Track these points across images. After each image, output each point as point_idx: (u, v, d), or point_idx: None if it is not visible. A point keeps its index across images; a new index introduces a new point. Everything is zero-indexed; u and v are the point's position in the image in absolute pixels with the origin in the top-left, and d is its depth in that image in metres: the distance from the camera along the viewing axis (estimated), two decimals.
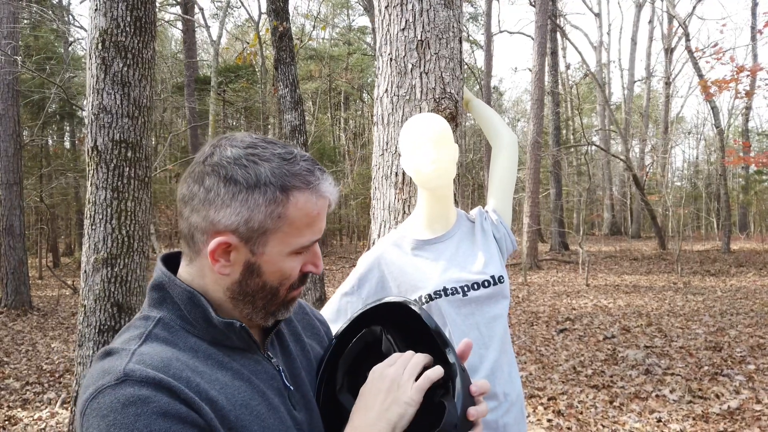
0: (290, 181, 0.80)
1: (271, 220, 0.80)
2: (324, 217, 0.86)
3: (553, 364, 6.09)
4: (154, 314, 0.84)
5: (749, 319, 7.97)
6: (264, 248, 0.82)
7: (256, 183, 0.79)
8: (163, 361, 0.75)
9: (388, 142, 1.96)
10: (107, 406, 0.69)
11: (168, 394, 0.71)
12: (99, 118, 3.01)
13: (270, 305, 0.86)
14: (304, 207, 0.81)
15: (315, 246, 0.88)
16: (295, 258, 0.85)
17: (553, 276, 13.97)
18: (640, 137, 29.00)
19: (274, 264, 0.83)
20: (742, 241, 22.71)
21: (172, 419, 0.69)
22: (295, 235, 0.82)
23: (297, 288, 0.88)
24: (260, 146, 0.82)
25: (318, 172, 0.84)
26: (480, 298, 1.65)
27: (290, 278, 0.85)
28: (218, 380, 0.79)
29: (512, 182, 1.86)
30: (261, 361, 0.88)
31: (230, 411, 0.77)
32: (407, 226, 1.78)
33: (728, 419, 4.35)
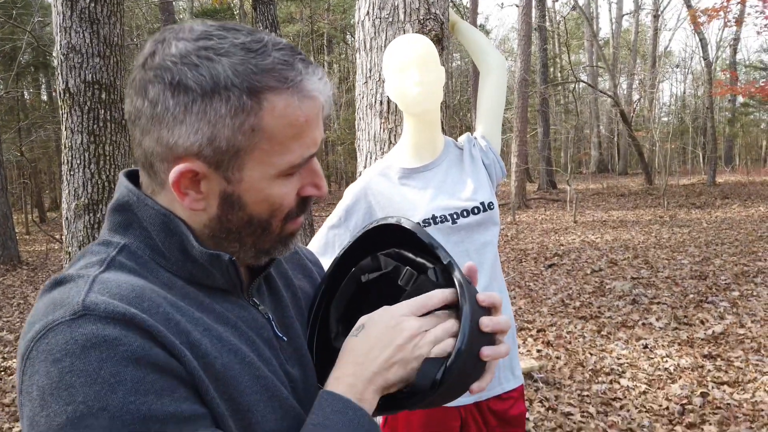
0: (261, 79, 0.60)
1: (243, 135, 0.61)
2: (317, 124, 0.65)
3: (542, 298, 6.20)
4: (116, 240, 0.66)
5: (734, 248, 8.11)
6: (241, 173, 0.63)
7: (213, 87, 0.59)
8: (134, 290, 0.59)
9: (371, 69, 1.88)
10: (61, 348, 0.53)
11: (141, 335, 0.55)
12: (69, 58, 2.88)
13: (261, 242, 0.69)
14: (285, 113, 0.61)
15: (312, 162, 0.68)
16: (286, 181, 0.66)
17: (541, 214, 14.08)
18: (628, 72, 28.69)
19: (258, 191, 0.64)
20: (727, 174, 22.91)
21: (147, 367, 0.54)
22: (280, 152, 0.63)
23: (296, 218, 0.70)
24: (216, 35, 0.61)
25: (300, 63, 0.63)
26: (470, 225, 1.62)
27: (283, 207, 0.67)
28: (201, 321, 0.63)
29: (501, 107, 1.80)
30: (247, 306, 0.71)
31: (216, 358, 0.62)
32: (394, 155, 1.73)
33: (713, 343, 4.48)
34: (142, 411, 0.53)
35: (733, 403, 3.43)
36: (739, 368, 3.96)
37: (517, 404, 1.68)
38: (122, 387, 0.52)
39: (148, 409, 0.53)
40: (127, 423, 0.52)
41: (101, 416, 0.51)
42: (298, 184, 0.68)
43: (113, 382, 0.52)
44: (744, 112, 26.95)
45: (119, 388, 0.52)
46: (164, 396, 0.55)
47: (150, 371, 0.54)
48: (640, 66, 29.71)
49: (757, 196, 14.27)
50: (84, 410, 0.51)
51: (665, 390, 3.71)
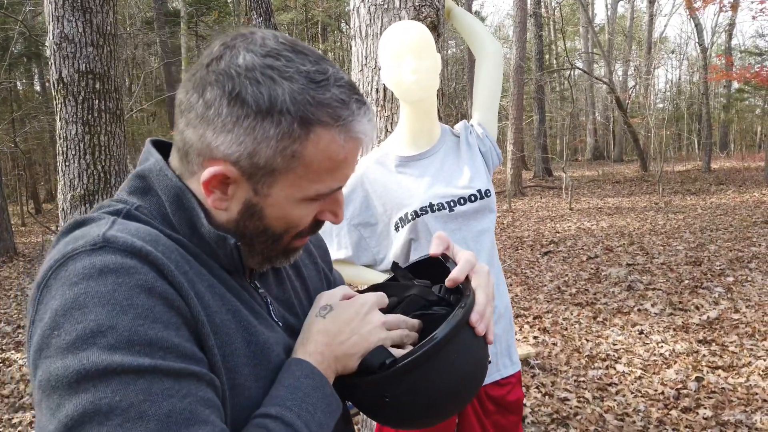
0: (315, 112, 0.62)
1: (282, 158, 0.63)
2: (353, 163, 0.68)
3: (538, 285, 6.23)
4: (132, 200, 0.68)
5: (728, 234, 8.15)
6: (270, 189, 0.65)
7: (269, 108, 0.61)
8: (150, 234, 0.61)
9: (367, 57, 1.88)
10: (78, 273, 0.55)
11: (155, 270, 0.58)
12: (62, 47, 2.85)
13: (269, 251, 0.72)
14: (327, 148, 0.64)
15: (337, 193, 0.71)
16: (309, 204, 0.68)
17: (537, 202, 14.10)
18: (623, 59, 28.63)
19: (281, 209, 0.67)
20: (722, 159, 22.96)
21: (158, 298, 0.57)
22: (312, 180, 0.66)
23: (305, 237, 0.73)
24: (285, 56, 0.62)
25: (355, 104, 0.65)
26: (467, 212, 1.62)
27: (298, 227, 0.70)
28: (206, 277, 0.66)
29: (497, 94, 1.80)
30: (247, 287, 0.73)
31: (216, 312, 0.64)
32: (390, 143, 1.73)
33: (707, 329, 4.51)
34: (149, 335, 0.54)
35: (728, 387, 3.47)
36: (733, 353, 3.99)
37: (515, 390, 1.70)
38: (133, 310, 0.54)
39: (155, 334, 0.55)
40: (134, 343, 0.53)
41: (109, 334, 0.53)
42: (318, 209, 0.71)
43: (125, 305, 0.54)
44: (739, 98, 26.95)
45: (130, 311, 0.54)
46: (170, 329, 0.56)
47: (160, 302, 0.56)
48: (635, 52, 29.65)
49: (752, 182, 14.32)
50: (93, 327, 0.53)
51: (660, 375, 3.74)
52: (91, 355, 0.52)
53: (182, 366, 0.56)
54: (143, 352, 0.54)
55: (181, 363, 0.56)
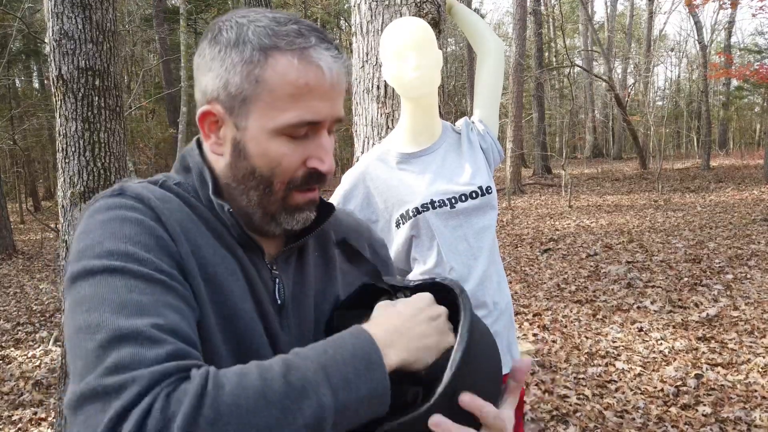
0: (272, 40, 0.70)
1: (249, 83, 0.70)
2: (321, 95, 0.71)
3: (538, 283, 6.23)
4: (174, 177, 0.79)
5: (728, 231, 8.16)
6: (246, 121, 0.72)
7: (235, 41, 0.71)
8: (164, 197, 0.72)
9: (368, 53, 1.87)
10: (96, 209, 0.69)
11: (153, 215, 0.68)
12: (61, 44, 2.84)
13: (266, 202, 0.75)
14: (285, 72, 0.69)
15: (320, 136, 0.74)
16: (286, 142, 0.72)
17: (537, 199, 14.10)
18: (623, 56, 28.61)
19: (259, 143, 0.72)
20: (721, 157, 22.97)
21: (147, 231, 0.66)
22: (277, 108, 0.70)
23: (300, 189, 0.75)
24: (259, 11, 0.74)
25: (313, 36, 0.71)
26: (468, 209, 1.62)
27: (282, 167, 0.72)
28: (211, 242, 0.72)
29: (498, 91, 1.80)
30: (261, 265, 0.77)
31: (212, 265, 0.70)
32: (391, 139, 1.73)
33: (707, 326, 4.52)
34: (129, 251, 0.63)
35: (727, 385, 3.47)
36: (732, 350, 4.00)
37: None
38: (121, 233, 0.65)
39: (134, 250, 0.64)
40: (113, 252, 0.63)
41: (97, 247, 0.64)
42: (304, 153, 0.74)
43: (116, 229, 0.65)
44: (738, 96, 26.95)
45: (119, 234, 0.65)
46: (151, 253, 0.64)
47: (146, 233, 0.66)
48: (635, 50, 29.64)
49: (751, 180, 14.33)
50: (89, 244, 0.64)
51: (660, 372, 3.75)
52: (82, 262, 0.63)
53: (153, 274, 0.63)
54: (120, 259, 0.63)
55: (155, 272, 0.63)
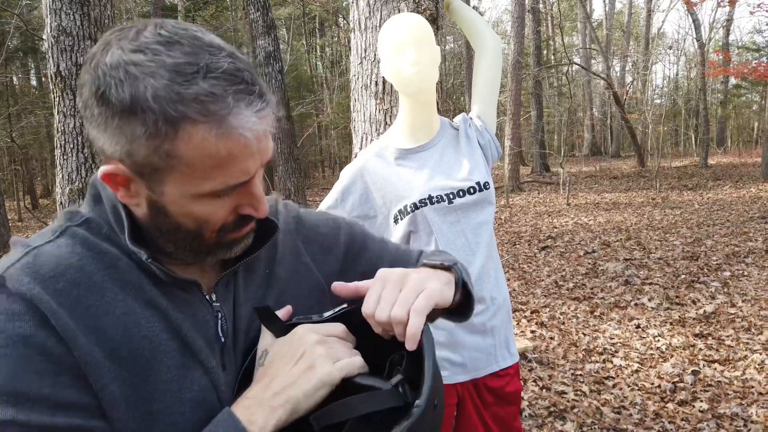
0: (178, 108, 0.57)
1: (159, 157, 0.59)
2: (248, 156, 0.62)
3: (536, 280, 6.24)
4: (83, 212, 0.70)
5: (725, 229, 8.18)
6: (162, 188, 0.62)
7: (132, 107, 0.57)
8: (54, 270, 0.62)
9: (366, 49, 1.88)
10: None
11: (38, 318, 0.59)
12: (59, 41, 2.84)
13: (197, 246, 0.68)
14: (201, 146, 0.59)
15: (250, 185, 0.66)
16: (213, 201, 0.64)
17: (535, 197, 14.12)
18: (621, 54, 28.63)
19: (181, 207, 0.63)
20: (719, 155, 23.01)
21: (34, 348, 0.58)
22: (200, 178, 0.61)
23: (234, 231, 0.69)
24: (152, 50, 0.58)
25: (232, 96, 0.59)
26: (466, 204, 1.63)
27: (211, 222, 0.66)
28: (125, 303, 0.65)
29: (496, 87, 1.80)
30: (193, 301, 0.70)
31: (123, 343, 0.63)
32: (389, 135, 1.73)
33: (704, 323, 4.53)
34: (17, 387, 0.57)
35: (724, 381, 3.49)
36: (729, 347, 4.01)
37: (513, 381, 1.71)
38: (8, 359, 0.57)
39: (25, 386, 0.57)
40: (5, 398, 0.56)
41: None
42: (233, 203, 0.66)
43: (2, 353, 0.57)
44: (736, 94, 26.99)
45: (7, 368, 0.57)
46: (45, 378, 0.58)
47: (36, 352, 0.58)
48: (633, 48, 29.65)
49: (749, 178, 14.36)
50: None
51: (657, 368, 3.76)
52: None
53: (47, 420, 0.57)
54: (9, 404, 0.56)
55: (48, 416, 0.57)
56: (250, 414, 0.64)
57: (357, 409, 0.64)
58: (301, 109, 18.62)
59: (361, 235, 0.95)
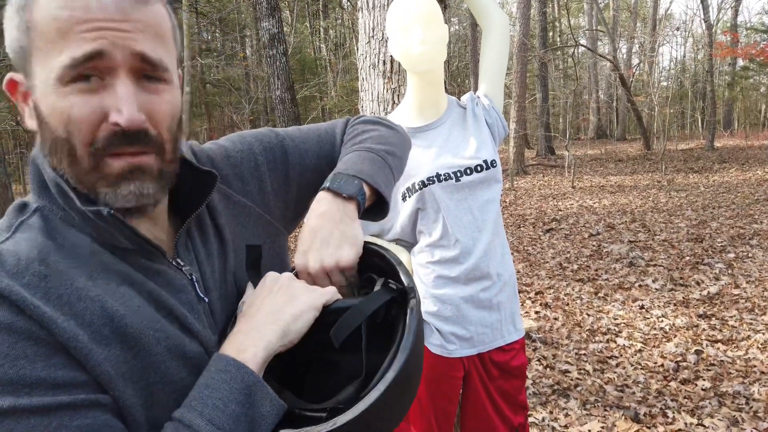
0: None
1: (22, 33, 0.62)
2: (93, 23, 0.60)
3: (540, 262, 6.27)
4: (32, 203, 0.68)
5: (730, 211, 8.17)
6: (33, 80, 0.63)
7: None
8: (16, 266, 0.60)
9: (374, 28, 1.89)
10: None
11: (12, 310, 0.57)
12: None
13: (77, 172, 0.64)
14: (47, 6, 0.60)
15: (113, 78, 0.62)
16: (74, 93, 0.61)
17: (540, 180, 14.09)
18: (628, 36, 28.34)
19: (47, 98, 0.62)
20: (726, 138, 22.86)
21: (18, 334, 0.57)
22: (50, 52, 0.61)
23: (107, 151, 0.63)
24: None
25: None
26: (473, 182, 1.65)
27: (75, 123, 0.61)
28: (97, 285, 0.63)
29: (504, 65, 1.81)
30: (163, 269, 0.70)
31: (104, 324, 0.62)
32: (397, 114, 1.75)
33: (708, 304, 4.56)
34: (9, 374, 0.55)
35: (727, 360, 3.52)
36: (733, 327, 4.04)
37: (519, 355, 1.74)
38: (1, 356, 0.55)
39: (16, 372, 0.55)
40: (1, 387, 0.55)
41: None
42: (98, 105, 0.62)
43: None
44: (744, 76, 26.68)
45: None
46: (38, 361, 0.57)
47: (21, 338, 0.56)
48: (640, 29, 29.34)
49: (755, 160, 14.28)
50: None
51: (660, 348, 3.80)
52: None
53: (50, 400, 0.56)
54: (6, 392, 0.55)
55: (50, 396, 0.56)
56: (237, 344, 0.66)
57: (364, 310, 0.69)
58: (305, 92, 18.57)
59: (277, 142, 0.93)
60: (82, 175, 0.64)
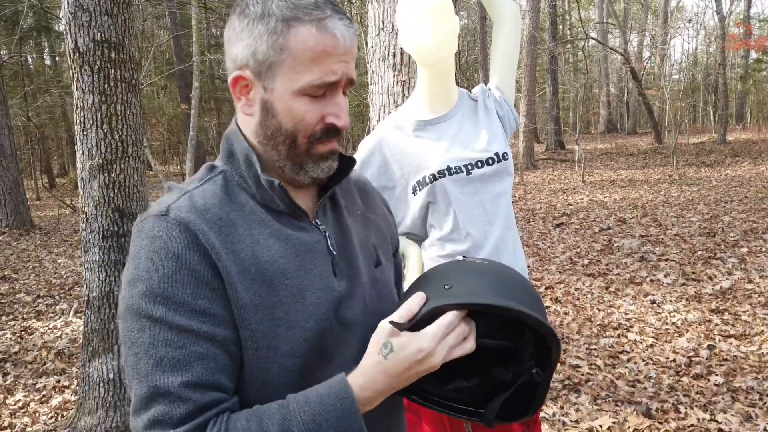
0: (292, 13, 0.80)
1: (274, 51, 0.80)
2: (336, 58, 0.81)
3: (550, 257, 6.24)
4: (219, 166, 0.89)
5: (743, 205, 8.08)
6: (273, 84, 0.82)
7: (261, 14, 0.80)
8: (203, 206, 0.81)
9: (384, 20, 1.87)
10: (145, 232, 0.79)
11: (191, 239, 0.77)
12: (77, 17, 2.85)
13: (293, 154, 0.85)
14: (306, 40, 0.80)
15: (336, 95, 0.84)
16: (308, 101, 0.82)
17: (549, 175, 14.02)
18: (639, 29, 28.06)
19: (284, 102, 0.82)
20: (738, 131, 22.61)
21: (183, 264, 0.77)
22: (300, 71, 0.80)
23: (321, 140, 0.85)
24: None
25: (328, 8, 0.81)
26: (484, 175, 1.63)
27: (305, 123, 0.83)
28: (252, 235, 0.83)
29: (515, 57, 1.79)
30: (306, 227, 0.88)
31: (252, 264, 0.81)
32: (408, 107, 1.74)
33: (720, 298, 4.52)
34: (168, 291, 0.76)
35: (740, 355, 3.49)
36: (746, 322, 4.00)
37: None
38: (162, 270, 0.76)
39: (172, 292, 0.76)
40: (157, 294, 0.76)
41: (144, 283, 0.76)
42: (322, 110, 0.83)
43: (159, 265, 0.76)
44: (757, 69, 26.35)
45: (161, 270, 0.76)
46: (188, 288, 0.76)
47: (183, 267, 0.77)
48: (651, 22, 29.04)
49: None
50: (138, 275, 0.77)
51: (672, 343, 3.77)
52: (134, 294, 0.77)
53: (186, 322, 0.76)
54: (161, 303, 0.75)
55: (187, 319, 0.76)
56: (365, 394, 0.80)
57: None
58: None
59: None
60: (296, 156, 0.85)
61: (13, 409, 3.61)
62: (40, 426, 3.35)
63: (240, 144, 0.87)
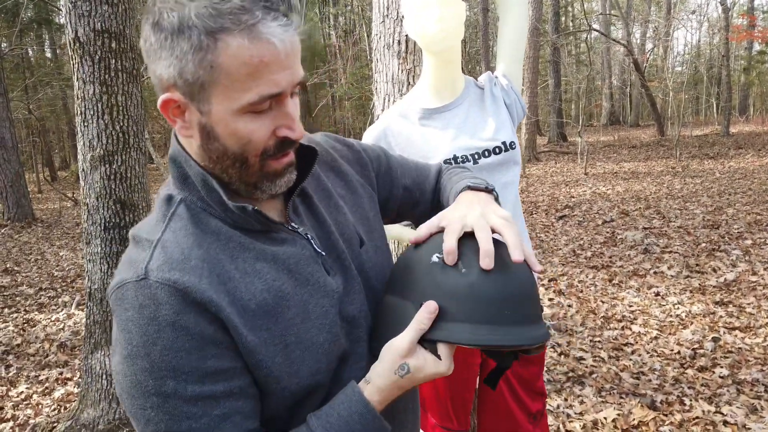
0: (216, 21, 0.66)
1: (203, 70, 0.68)
2: (278, 66, 0.69)
3: (553, 249, 6.22)
4: (176, 195, 0.79)
5: (747, 197, 8.05)
6: (209, 106, 0.70)
7: (180, 27, 0.66)
8: (183, 253, 0.73)
9: (389, 7, 1.84)
10: (130, 302, 0.71)
11: (180, 300, 0.70)
12: (77, 6, 2.82)
13: (246, 175, 0.76)
14: (238, 54, 0.67)
15: (284, 105, 0.73)
16: (253, 118, 0.71)
17: (552, 167, 13.97)
18: (642, 20, 27.91)
19: (226, 125, 0.71)
20: (741, 123, 22.51)
21: (180, 330, 0.70)
22: (237, 89, 0.69)
23: (275, 156, 0.75)
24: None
25: (260, 10, 0.67)
26: (491, 165, 1.61)
27: (252, 142, 0.73)
28: (239, 267, 0.76)
29: (522, 44, 1.76)
30: (286, 237, 0.81)
31: (249, 299, 0.75)
32: (413, 95, 1.71)
33: (725, 291, 4.50)
34: (172, 363, 0.69)
35: (745, 347, 3.47)
36: (750, 314, 3.98)
37: None
38: (161, 342, 0.69)
39: (177, 362, 0.69)
40: (161, 369, 0.69)
41: (145, 359, 0.69)
42: (272, 125, 0.73)
43: (155, 338, 0.69)
44: (760, 60, 26.22)
45: (159, 343, 0.69)
46: (192, 353, 0.70)
47: (182, 334, 0.69)
48: (654, 13, 28.87)
49: None
50: (135, 351, 0.70)
51: (677, 335, 3.75)
52: (136, 371, 0.70)
53: (200, 389, 0.70)
54: (169, 377, 0.69)
55: (200, 386, 0.70)
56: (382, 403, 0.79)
57: None
58: (315, 79, 18.47)
59: (383, 154, 1.08)
60: (249, 177, 0.76)
61: (16, 401, 3.61)
62: (42, 418, 3.34)
63: (192, 168, 0.77)
